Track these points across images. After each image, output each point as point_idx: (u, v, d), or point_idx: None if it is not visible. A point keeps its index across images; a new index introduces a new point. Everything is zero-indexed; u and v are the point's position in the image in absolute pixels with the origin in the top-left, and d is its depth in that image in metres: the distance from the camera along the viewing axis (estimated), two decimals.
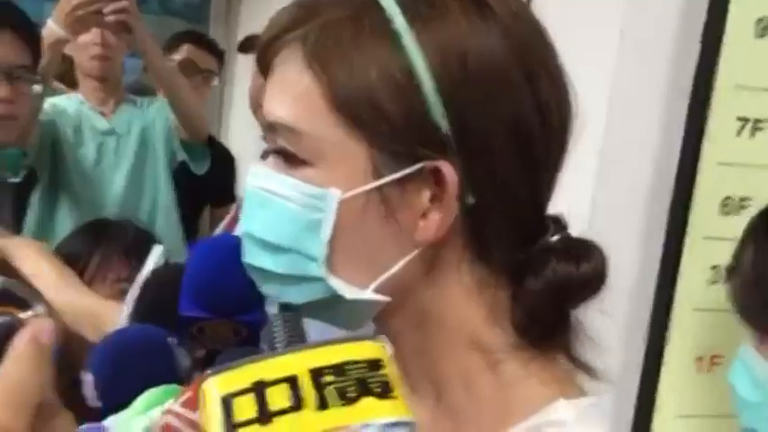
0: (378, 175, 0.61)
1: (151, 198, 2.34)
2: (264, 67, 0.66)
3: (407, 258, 0.62)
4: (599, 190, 1.25)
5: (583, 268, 0.62)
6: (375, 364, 0.51)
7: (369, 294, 0.63)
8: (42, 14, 2.31)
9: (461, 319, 0.65)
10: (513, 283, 0.64)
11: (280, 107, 0.63)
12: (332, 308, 0.65)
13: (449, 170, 0.60)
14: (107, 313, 1.18)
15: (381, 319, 0.67)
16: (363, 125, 0.60)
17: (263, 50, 0.65)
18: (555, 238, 0.65)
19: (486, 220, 0.63)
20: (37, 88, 1.82)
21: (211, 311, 0.86)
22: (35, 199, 2.23)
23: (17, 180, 2.13)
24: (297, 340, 0.76)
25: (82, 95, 2.32)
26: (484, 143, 0.61)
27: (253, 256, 0.66)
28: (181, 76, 2.37)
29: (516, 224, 0.63)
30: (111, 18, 2.00)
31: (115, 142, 2.29)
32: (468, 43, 0.60)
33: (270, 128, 0.64)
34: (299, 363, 0.50)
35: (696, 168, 1.24)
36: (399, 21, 0.60)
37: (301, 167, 0.62)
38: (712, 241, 1.28)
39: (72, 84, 2.44)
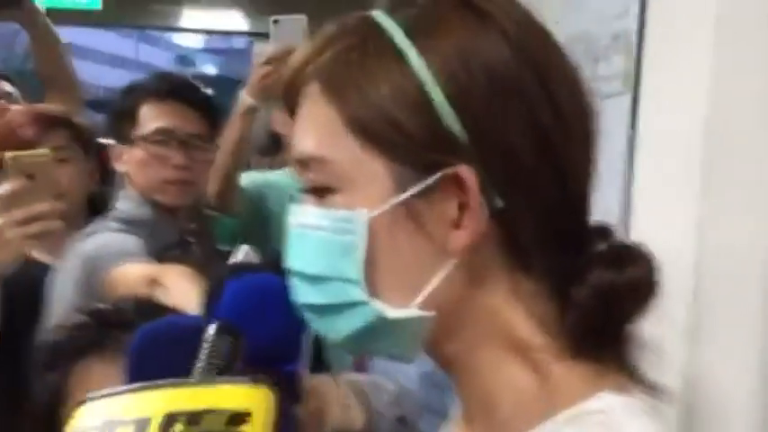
0: (401, 190, 0.63)
1: None
2: (291, 110, 0.69)
3: (446, 270, 0.64)
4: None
5: (627, 274, 0.63)
6: (237, 418, 0.49)
7: (412, 311, 0.64)
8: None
9: (505, 326, 0.66)
10: (560, 294, 0.65)
11: (305, 141, 0.67)
12: (380, 333, 0.66)
13: (467, 173, 0.62)
14: None
15: (439, 343, 0.67)
16: (380, 142, 0.63)
17: (287, 92, 0.69)
18: (602, 247, 0.66)
19: (519, 225, 0.64)
20: (211, 156, 1.98)
21: (247, 361, 0.77)
22: None
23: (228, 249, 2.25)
24: (218, 367, 0.70)
25: None
26: (502, 147, 0.62)
27: (300, 294, 0.68)
28: None
29: (553, 231, 0.65)
30: None
31: None
32: (470, 51, 0.63)
33: (300, 164, 0.67)
34: (163, 403, 0.49)
35: None
36: (401, 39, 0.64)
37: (330, 196, 0.65)
38: None
39: None
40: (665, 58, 1.34)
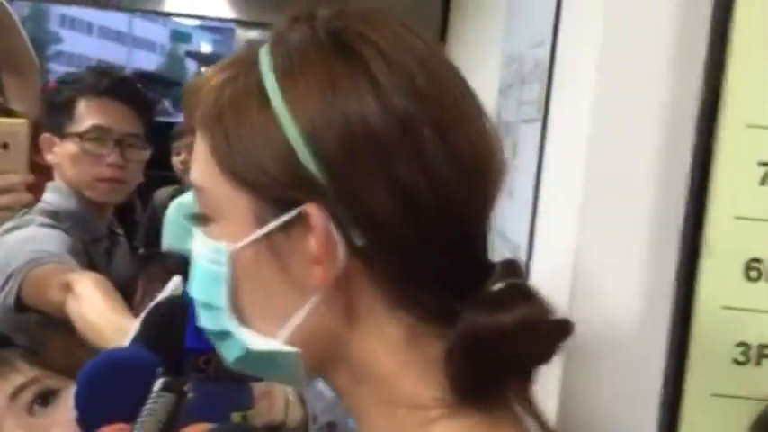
0: (261, 224, 0.64)
1: None
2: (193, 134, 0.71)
3: (308, 305, 0.64)
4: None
5: (500, 319, 0.60)
6: None
7: (275, 345, 0.65)
8: None
9: (390, 373, 0.64)
10: (447, 337, 0.62)
11: (192, 170, 0.69)
12: (255, 363, 0.67)
13: (314, 211, 0.62)
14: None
15: (328, 377, 0.68)
16: (243, 179, 0.64)
17: (187, 120, 0.71)
18: (498, 286, 0.62)
19: (384, 264, 0.63)
20: (145, 155, 1.98)
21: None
22: None
23: None
24: (158, 425, 0.77)
25: None
26: (355, 192, 0.62)
27: (200, 318, 0.70)
28: None
29: (429, 270, 0.63)
30: None
31: None
32: (330, 98, 0.62)
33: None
34: None
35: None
36: (269, 78, 0.64)
37: (209, 225, 0.68)
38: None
39: None
40: (566, 90, 1.38)
